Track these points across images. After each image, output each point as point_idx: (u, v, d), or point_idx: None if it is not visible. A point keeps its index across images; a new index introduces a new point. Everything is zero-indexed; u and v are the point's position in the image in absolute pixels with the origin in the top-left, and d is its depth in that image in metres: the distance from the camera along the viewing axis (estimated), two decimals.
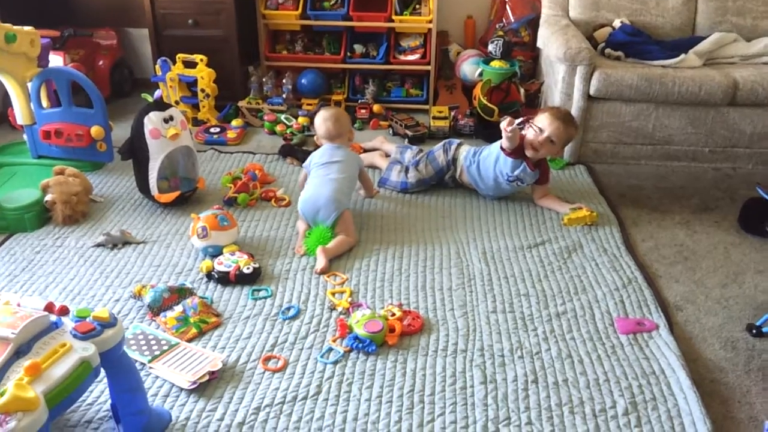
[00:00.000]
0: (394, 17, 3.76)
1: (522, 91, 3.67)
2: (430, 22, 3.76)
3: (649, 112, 3.21)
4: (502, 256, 2.53)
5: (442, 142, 3.04)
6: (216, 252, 2.46)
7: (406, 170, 3.00)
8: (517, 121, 2.69)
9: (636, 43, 3.36)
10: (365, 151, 3.32)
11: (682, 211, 2.93)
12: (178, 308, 2.16)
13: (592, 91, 3.16)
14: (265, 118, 3.61)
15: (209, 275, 2.35)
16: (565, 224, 2.74)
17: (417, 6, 3.82)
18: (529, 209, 2.89)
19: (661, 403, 1.83)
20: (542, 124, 2.73)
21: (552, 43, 3.29)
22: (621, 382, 1.91)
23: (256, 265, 2.37)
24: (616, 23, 3.55)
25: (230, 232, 2.50)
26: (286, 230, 2.69)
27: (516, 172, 2.78)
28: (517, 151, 2.75)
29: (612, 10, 3.62)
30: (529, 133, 2.75)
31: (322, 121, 2.77)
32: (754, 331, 2.15)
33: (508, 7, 3.88)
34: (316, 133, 2.86)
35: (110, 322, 1.55)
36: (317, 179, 2.66)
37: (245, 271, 2.33)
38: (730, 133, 3.23)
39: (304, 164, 2.82)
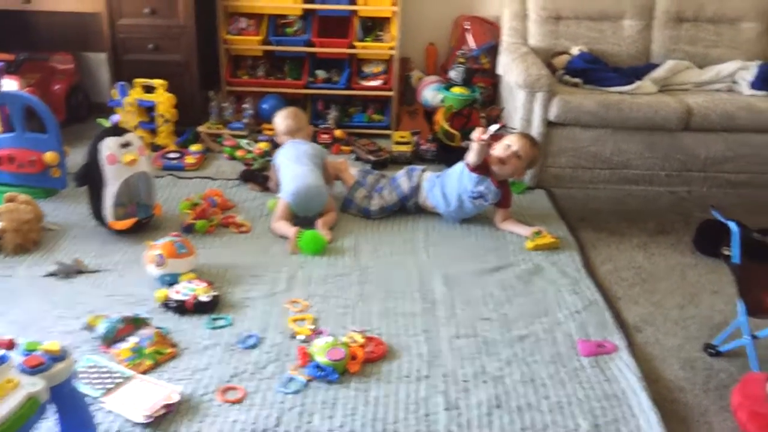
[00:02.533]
0: (356, 44, 3.79)
1: (483, 116, 3.71)
2: (392, 48, 3.79)
3: (607, 137, 3.27)
4: (464, 280, 2.53)
5: (405, 169, 3.05)
6: (173, 280, 2.40)
7: (370, 197, 2.99)
8: (493, 127, 2.70)
9: (594, 70, 3.43)
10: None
11: (640, 234, 2.97)
12: (133, 339, 2.09)
13: (551, 117, 3.21)
14: (225, 143, 3.58)
15: (165, 305, 2.29)
16: (529, 249, 2.76)
17: (379, 33, 3.85)
18: (490, 233, 2.90)
19: (623, 425, 1.84)
20: (510, 141, 2.77)
21: (512, 69, 3.34)
22: (583, 405, 1.90)
23: (215, 294, 2.32)
24: (574, 51, 3.62)
25: (188, 260, 2.44)
26: (246, 257, 2.64)
27: (480, 188, 2.80)
28: (481, 167, 2.78)
29: (570, 39, 3.70)
30: (497, 149, 2.78)
31: (282, 119, 3.06)
32: (711, 351, 2.18)
33: (468, 35, 3.94)
34: (276, 133, 3.10)
35: (60, 355, 1.50)
36: (298, 172, 2.85)
37: (203, 299, 2.28)
38: (685, 157, 3.31)
39: (273, 160, 3.03)
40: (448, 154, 3.53)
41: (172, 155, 3.50)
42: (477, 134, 2.68)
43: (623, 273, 2.66)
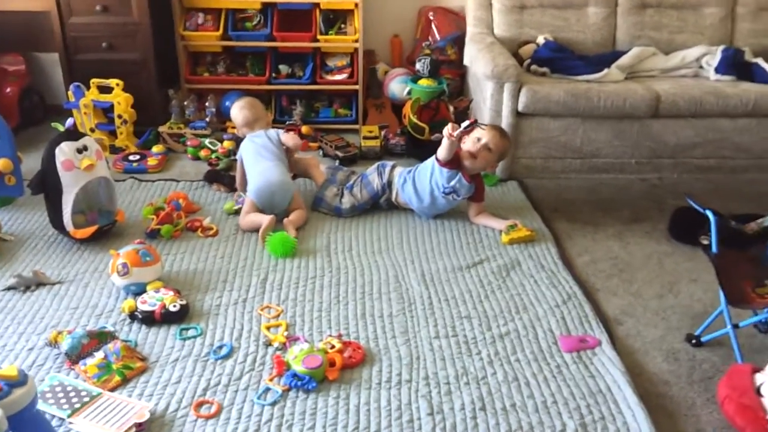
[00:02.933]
0: (319, 37, 3.69)
1: (451, 108, 3.65)
2: (357, 41, 3.71)
3: (576, 126, 3.24)
4: (442, 278, 2.48)
5: (376, 165, 2.98)
6: (139, 290, 2.30)
7: (341, 194, 2.91)
8: (464, 124, 2.65)
9: (560, 59, 3.40)
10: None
11: (614, 224, 2.95)
12: (99, 354, 1.99)
13: (520, 108, 3.17)
14: (188, 143, 3.46)
15: (132, 316, 2.19)
16: (505, 243, 2.71)
17: (342, 25, 3.76)
18: (465, 228, 2.85)
19: (611, 422, 1.80)
20: (480, 134, 2.72)
21: (479, 60, 3.28)
22: (569, 404, 1.87)
23: (184, 302, 2.22)
24: (540, 40, 3.58)
25: (154, 267, 2.34)
26: (215, 262, 2.55)
27: (452, 183, 2.75)
28: (452, 162, 2.72)
29: (535, 27, 3.66)
30: (467, 143, 2.72)
31: (239, 110, 2.99)
32: (693, 342, 2.16)
33: (433, 26, 3.88)
34: (236, 126, 3.05)
35: (19, 381, 1.40)
36: (261, 168, 2.80)
37: (171, 309, 2.18)
38: (655, 145, 3.30)
39: (237, 155, 2.98)
40: (417, 148, 3.47)
41: (133, 157, 3.38)
42: (448, 130, 2.62)
43: (600, 264, 2.64)
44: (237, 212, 2.89)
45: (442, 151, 2.70)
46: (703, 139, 3.30)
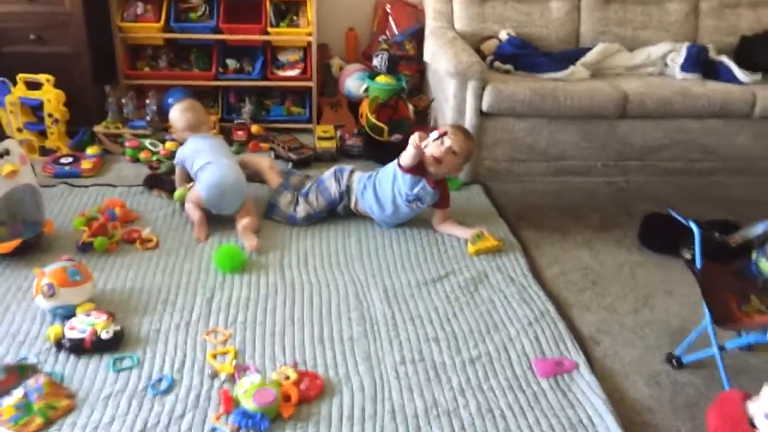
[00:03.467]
0: (269, 29, 3.45)
1: (410, 107, 3.46)
2: (310, 34, 3.48)
3: (542, 127, 3.09)
4: (406, 294, 2.29)
5: (333, 170, 2.76)
6: (67, 313, 2.04)
7: (296, 202, 2.69)
8: (433, 135, 2.46)
9: (524, 55, 3.25)
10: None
11: (583, 231, 2.81)
12: (18, 393, 1.74)
13: (484, 107, 3.00)
14: (127, 144, 3.18)
15: (59, 344, 1.94)
16: (471, 254, 2.54)
17: (294, 17, 3.52)
18: (429, 238, 2.67)
19: None
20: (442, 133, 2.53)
21: (441, 57, 3.10)
22: None
23: (117, 328, 1.98)
24: (502, 35, 3.42)
25: (84, 287, 2.08)
26: (155, 278, 2.30)
27: (415, 190, 2.56)
28: (416, 168, 2.53)
29: (497, 22, 3.50)
30: (430, 147, 2.53)
31: (180, 113, 2.76)
32: (674, 362, 2.03)
33: (391, 19, 3.68)
34: (175, 130, 2.82)
35: None
36: (217, 163, 2.61)
37: (104, 336, 1.94)
38: (622, 147, 3.18)
39: (176, 160, 2.76)
40: (376, 150, 3.28)
41: (65, 160, 3.08)
42: (415, 140, 2.42)
43: (571, 276, 2.49)
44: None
45: (406, 158, 2.50)
46: (671, 140, 3.19)
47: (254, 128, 3.44)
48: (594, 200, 3.11)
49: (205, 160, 2.63)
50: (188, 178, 2.75)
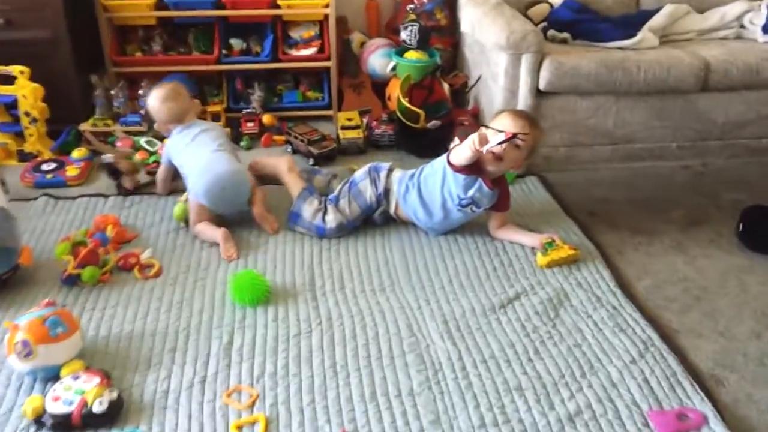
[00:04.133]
0: (279, 2, 2.95)
1: (446, 86, 2.98)
2: (327, 6, 2.98)
3: (609, 105, 2.61)
4: (470, 325, 1.83)
5: (366, 168, 2.29)
6: (49, 376, 1.61)
7: (324, 209, 2.23)
8: (497, 139, 1.97)
9: (584, 21, 2.75)
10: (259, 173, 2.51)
11: (669, 230, 2.35)
12: None
13: (542, 85, 2.52)
14: (118, 143, 2.71)
15: (39, 422, 1.50)
16: (543, 266, 2.08)
17: None
18: (487, 247, 2.21)
19: None
20: (502, 126, 2.04)
21: (486, 26, 2.61)
22: None
23: (114, 395, 1.53)
24: None
25: (68, 342, 1.63)
26: (158, 319, 1.86)
27: (470, 193, 2.10)
28: (470, 166, 2.06)
29: None
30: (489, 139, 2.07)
31: (161, 103, 2.33)
32: None
33: None
34: (157, 122, 2.40)
35: None
36: (203, 162, 2.22)
37: (96, 408, 1.49)
38: (701, 125, 2.70)
39: (162, 159, 2.41)
40: (410, 139, 2.81)
41: (47, 166, 2.62)
42: (475, 145, 1.94)
43: (668, 290, 2.03)
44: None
45: (459, 158, 2.03)
46: (757, 114, 2.72)
47: (266, 118, 2.96)
48: (672, 189, 2.64)
49: (190, 158, 2.26)
50: (174, 177, 2.41)
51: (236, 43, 3.04)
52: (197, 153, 2.26)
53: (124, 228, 2.25)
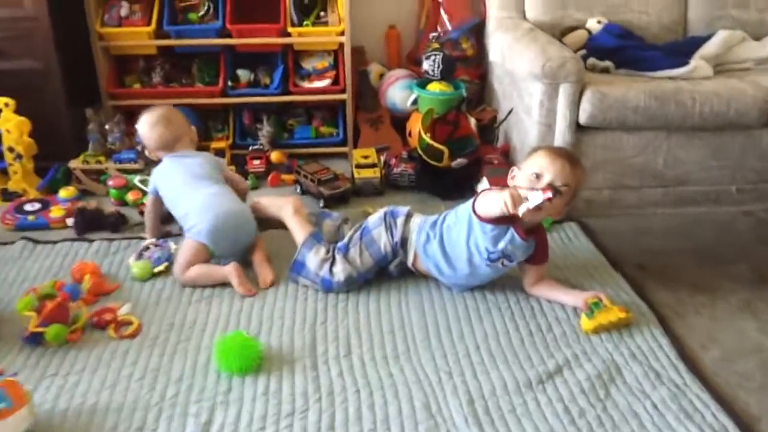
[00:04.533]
0: (290, 29, 2.70)
1: (472, 121, 2.69)
2: (342, 34, 2.73)
3: (659, 142, 2.30)
4: (502, 406, 1.51)
5: (382, 213, 1.99)
6: None
7: (332, 259, 1.93)
8: (535, 199, 1.65)
9: (628, 48, 2.46)
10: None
11: (735, 288, 2.00)
12: None
13: (582, 119, 2.22)
14: (110, 182, 2.46)
15: None
16: (588, 332, 1.75)
17: (321, 13, 2.78)
18: (521, 306, 1.88)
19: None
20: (540, 168, 1.73)
21: (519, 53, 2.33)
22: None
23: None
24: (592, 24, 2.64)
25: (11, 420, 1.35)
26: (129, 389, 1.56)
27: (501, 246, 1.79)
28: (500, 216, 1.75)
29: (583, 8, 2.72)
30: (520, 181, 1.76)
31: (150, 127, 2.11)
32: None
33: (443, 11, 2.91)
34: (145, 148, 2.19)
35: None
36: (206, 193, 2.02)
37: None
38: (764, 164, 2.37)
39: (149, 189, 2.15)
40: (432, 179, 2.51)
41: (30, 207, 2.37)
42: (508, 206, 1.62)
43: (741, 363, 1.69)
44: (161, 273, 2.01)
45: (487, 212, 1.73)
46: None
47: (275, 155, 2.70)
48: (733, 238, 2.30)
49: (189, 192, 2.03)
50: (162, 210, 2.17)
51: (243, 75, 2.80)
52: (195, 190, 2.02)
53: (103, 278, 1.97)
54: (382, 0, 3.03)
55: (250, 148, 2.73)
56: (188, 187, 2.04)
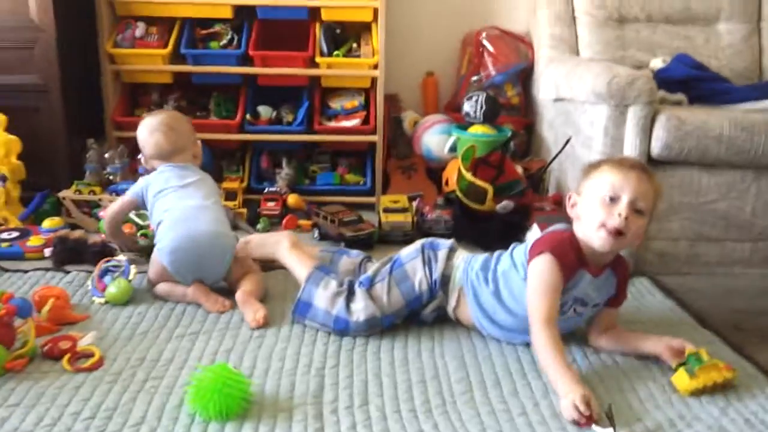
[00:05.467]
0: (318, 59, 2.45)
1: (519, 170, 2.36)
2: (376, 67, 2.47)
3: (746, 184, 1.93)
4: None
5: (419, 244, 1.61)
6: None
7: (349, 293, 1.55)
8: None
9: (704, 79, 2.14)
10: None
11: None
12: None
13: (656, 150, 1.88)
14: (101, 213, 2.13)
15: None
16: (686, 393, 1.32)
17: (354, 45, 2.54)
18: (589, 359, 1.46)
19: None
20: (610, 186, 1.36)
21: (579, 77, 2.04)
22: None
23: None
24: (655, 64, 2.35)
25: None
26: (88, 429, 1.17)
27: (572, 294, 1.41)
28: (565, 254, 1.38)
29: (644, 49, 2.45)
30: (587, 209, 1.39)
31: (149, 133, 1.83)
32: None
33: (486, 55, 2.66)
34: (143, 156, 1.89)
35: None
36: (181, 207, 1.71)
37: None
38: None
39: (133, 191, 1.83)
40: (473, 225, 2.15)
41: (8, 234, 2.05)
42: (573, 412, 1.22)
43: None
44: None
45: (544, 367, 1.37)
46: None
47: (291, 198, 2.38)
48: None
49: (167, 203, 1.73)
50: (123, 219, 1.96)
51: (265, 111, 2.53)
52: (179, 200, 1.72)
53: (69, 306, 1.61)
54: (419, 44, 2.79)
55: (266, 190, 2.42)
56: (172, 197, 1.73)
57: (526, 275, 1.42)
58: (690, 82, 2.14)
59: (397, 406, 1.27)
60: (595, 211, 1.37)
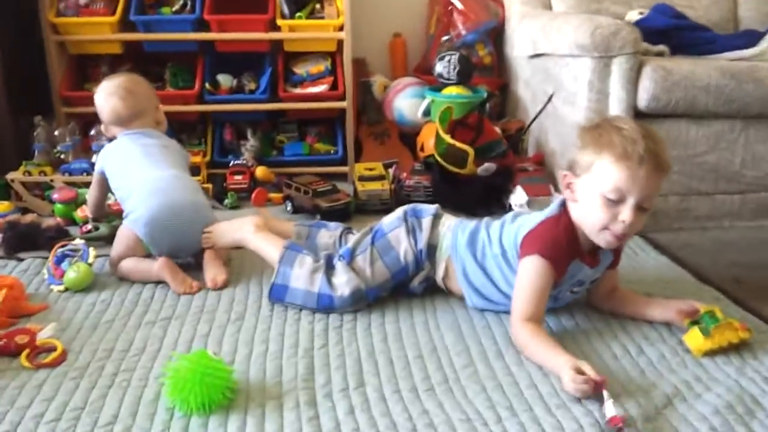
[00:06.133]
0: (280, 22, 2.30)
1: (497, 130, 2.27)
2: (341, 29, 2.33)
3: (735, 134, 1.88)
4: None
5: (401, 212, 1.50)
6: None
7: (327, 267, 1.44)
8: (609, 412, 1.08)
9: (685, 28, 2.07)
10: None
11: None
12: None
13: (643, 102, 1.80)
14: (55, 196, 1.97)
15: None
16: (700, 354, 1.24)
17: (317, 6, 2.39)
18: (595, 324, 1.38)
19: None
20: (613, 185, 1.22)
21: (559, 29, 1.94)
22: None
23: None
24: (632, 16, 2.27)
25: None
26: None
27: (571, 281, 1.34)
28: (559, 250, 1.29)
29: (619, 2, 2.36)
30: (587, 204, 1.26)
31: (105, 97, 1.71)
32: None
33: (455, 15, 2.54)
34: (102, 123, 1.77)
35: None
36: (152, 177, 1.60)
37: None
38: None
39: (97, 167, 1.75)
40: (455, 189, 2.05)
41: None
42: (570, 382, 1.12)
43: None
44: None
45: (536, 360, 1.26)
46: None
47: (260, 171, 2.25)
48: None
49: (134, 173, 1.62)
50: (107, 193, 1.80)
51: (225, 80, 2.37)
52: (146, 168, 1.61)
53: (25, 295, 1.46)
54: (385, 5, 2.65)
55: (232, 163, 2.28)
56: (137, 166, 1.62)
57: (516, 267, 1.32)
58: (671, 32, 2.06)
59: (396, 385, 1.17)
60: (596, 212, 1.23)
